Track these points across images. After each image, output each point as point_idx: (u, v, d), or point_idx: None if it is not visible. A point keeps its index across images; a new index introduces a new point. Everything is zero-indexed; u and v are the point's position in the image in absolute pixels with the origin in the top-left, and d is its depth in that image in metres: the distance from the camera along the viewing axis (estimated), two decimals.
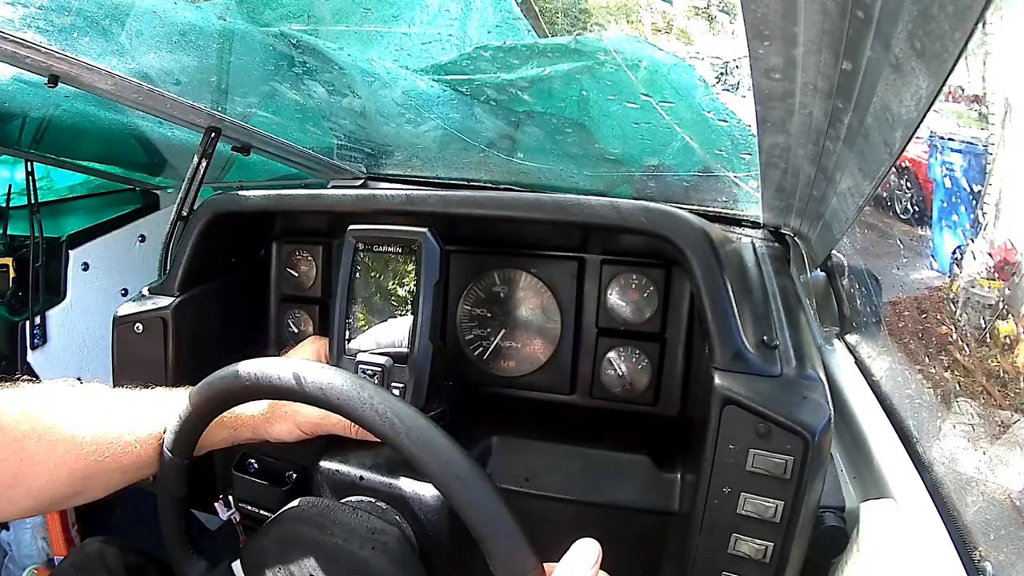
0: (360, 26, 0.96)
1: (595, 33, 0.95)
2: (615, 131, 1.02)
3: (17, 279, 1.48)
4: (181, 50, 0.97)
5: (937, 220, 0.80)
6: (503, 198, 0.81)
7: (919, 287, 0.84)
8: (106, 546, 0.75)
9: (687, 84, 0.88)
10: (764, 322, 0.68)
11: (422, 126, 1.14)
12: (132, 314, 0.86)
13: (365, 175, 1.36)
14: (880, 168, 0.51)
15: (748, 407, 0.58)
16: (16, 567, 1.50)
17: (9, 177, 1.60)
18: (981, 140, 0.68)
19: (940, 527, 0.53)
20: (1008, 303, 0.64)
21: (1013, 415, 0.61)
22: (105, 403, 0.65)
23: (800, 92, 0.47)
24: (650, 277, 0.86)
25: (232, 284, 0.97)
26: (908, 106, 0.40)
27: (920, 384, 0.73)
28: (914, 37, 0.34)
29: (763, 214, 0.91)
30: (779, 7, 0.37)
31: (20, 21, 0.81)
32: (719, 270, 0.66)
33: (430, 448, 0.49)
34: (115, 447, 0.60)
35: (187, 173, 0.99)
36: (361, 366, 0.73)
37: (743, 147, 0.90)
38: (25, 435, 0.57)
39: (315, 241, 1.01)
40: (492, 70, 0.97)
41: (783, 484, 0.57)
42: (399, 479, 0.67)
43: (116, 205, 1.74)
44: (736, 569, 0.59)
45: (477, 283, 0.93)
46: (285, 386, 0.54)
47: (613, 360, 0.88)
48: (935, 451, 0.62)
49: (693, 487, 0.63)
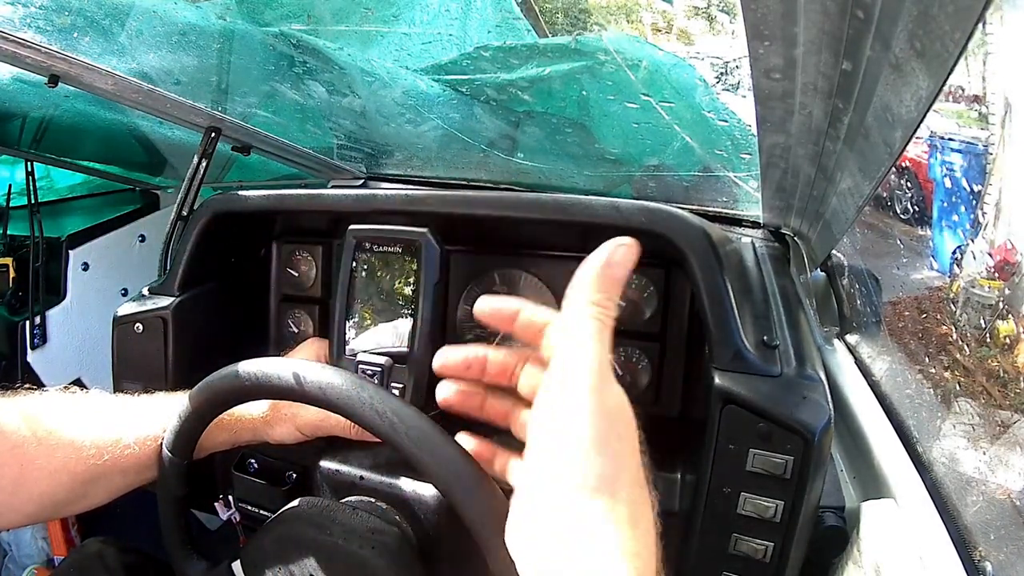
0: (360, 26, 0.96)
1: (595, 33, 0.95)
2: (615, 131, 1.02)
3: (17, 279, 1.48)
4: (181, 50, 0.97)
5: (937, 220, 0.80)
6: (503, 198, 0.81)
7: (919, 287, 0.84)
8: (106, 546, 0.75)
9: (687, 84, 0.88)
10: (764, 322, 0.68)
11: (422, 126, 1.14)
12: (132, 314, 0.86)
13: (365, 175, 1.36)
14: (880, 168, 0.51)
15: (748, 407, 0.58)
16: (16, 567, 1.50)
17: (9, 177, 1.60)
18: (981, 140, 0.68)
19: (940, 527, 0.53)
20: (1008, 303, 0.64)
21: (1013, 415, 0.61)
22: (104, 408, 0.65)
23: (800, 92, 0.47)
24: (650, 277, 0.86)
25: (232, 284, 0.97)
26: (908, 106, 0.40)
27: (920, 384, 0.73)
28: (914, 37, 0.34)
29: (763, 214, 0.91)
30: (779, 7, 0.37)
31: (20, 21, 0.81)
32: (719, 270, 0.66)
33: (430, 448, 0.49)
34: (115, 450, 0.60)
35: (187, 173, 0.99)
36: (361, 366, 0.73)
37: (743, 147, 0.90)
38: (25, 440, 0.57)
39: (315, 241, 1.01)
40: (492, 70, 0.97)
41: (783, 484, 0.56)
42: (399, 479, 0.67)
43: (116, 205, 1.74)
44: (736, 569, 0.59)
45: (477, 283, 0.93)
46: (285, 386, 0.54)
47: (613, 360, 0.87)
48: (935, 451, 0.62)
49: (693, 487, 0.63)
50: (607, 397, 0.36)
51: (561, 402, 0.36)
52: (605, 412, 0.36)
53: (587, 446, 0.35)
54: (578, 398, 0.36)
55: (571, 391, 0.36)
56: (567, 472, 0.35)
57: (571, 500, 0.34)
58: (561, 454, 0.35)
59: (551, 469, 0.35)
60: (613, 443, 0.35)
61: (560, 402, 0.37)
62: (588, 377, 0.36)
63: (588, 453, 0.34)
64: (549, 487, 0.35)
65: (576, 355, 0.37)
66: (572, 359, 0.37)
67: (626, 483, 0.35)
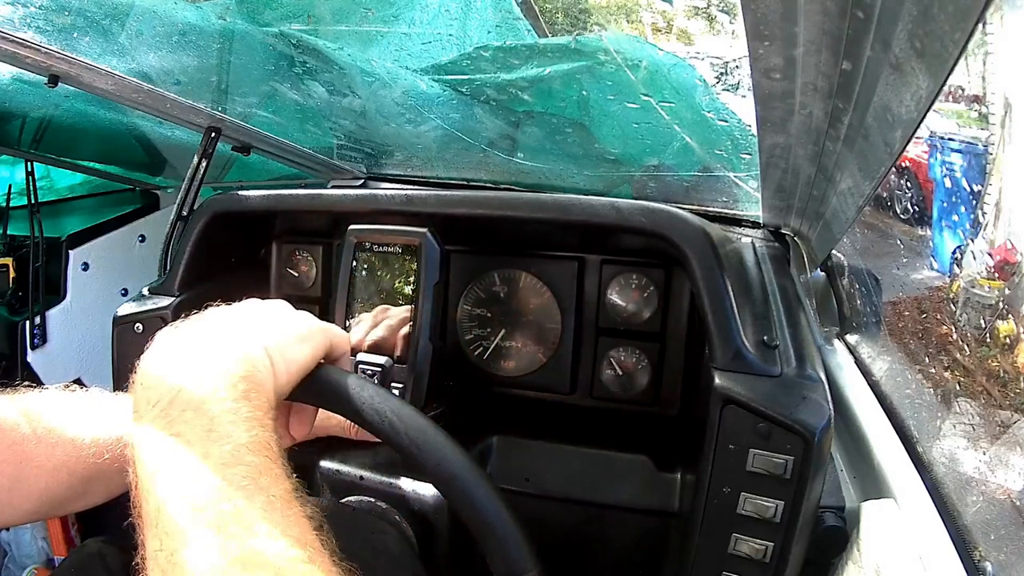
0: (360, 26, 0.96)
1: (595, 33, 0.95)
2: (615, 131, 1.02)
3: (17, 279, 1.48)
4: (181, 50, 0.97)
5: (937, 220, 0.80)
6: (503, 198, 0.81)
7: (919, 287, 0.84)
8: (106, 546, 0.75)
9: (687, 84, 0.88)
10: (764, 322, 0.68)
11: (422, 126, 1.14)
12: (132, 314, 0.86)
13: (365, 175, 1.36)
14: (880, 168, 0.51)
15: (748, 407, 0.58)
16: (16, 567, 1.50)
17: (9, 177, 1.60)
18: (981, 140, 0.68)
19: (940, 527, 0.53)
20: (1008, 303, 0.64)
21: (1013, 415, 0.61)
22: (105, 406, 0.64)
23: (800, 92, 0.47)
24: (650, 277, 0.86)
25: (232, 284, 0.97)
26: (908, 106, 0.40)
27: (920, 384, 0.73)
28: (914, 37, 0.34)
29: (763, 214, 0.91)
30: (779, 7, 0.37)
31: (20, 21, 0.81)
32: (719, 270, 0.66)
33: (430, 448, 0.49)
34: (115, 448, 0.60)
35: (187, 173, 0.99)
36: (361, 366, 0.73)
37: (743, 147, 0.90)
38: (24, 438, 0.57)
39: (315, 241, 1.01)
40: (492, 70, 0.97)
41: (783, 484, 0.56)
42: (399, 479, 0.67)
43: (116, 205, 1.74)
44: (736, 569, 0.59)
45: (477, 283, 0.93)
46: None
47: (613, 360, 0.88)
48: (935, 451, 0.62)
49: (693, 487, 0.63)
50: None
51: None
52: None
53: None
54: None
55: None
56: None
57: None
58: None
59: None
60: None
61: None
62: None
63: None
64: None
65: None
66: None
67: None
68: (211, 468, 0.37)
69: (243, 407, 0.42)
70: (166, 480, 0.37)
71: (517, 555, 0.47)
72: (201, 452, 0.38)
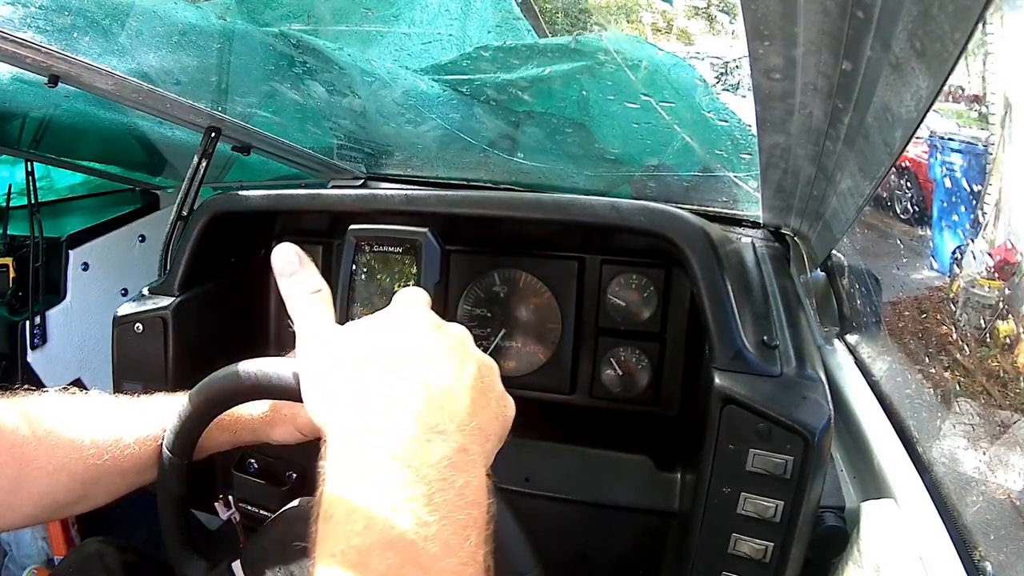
0: (360, 26, 0.96)
1: (595, 33, 0.95)
2: (615, 131, 1.02)
3: (17, 279, 1.48)
4: (181, 50, 0.97)
5: (937, 220, 0.80)
6: (503, 198, 0.81)
7: (919, 287, 0.84)
8: (106, 546, 0.75)
9: (687, 84, 0.88)
10: (764, 322, 0.68)
11: (422, 126, 1.14)
12: (132, 314, 0.86)
13: (365, 175, 1.36)
14: (880, 168, 0.51)
15: (748, 407, 0.58)
16: (16, 567, 1.50)
17: (9, 177, 1.60)
18: (981, 140, 0.68)
19: (940, 527, 0.53)
20: (1008, 303, 0.64)
21: (1013, 415, 0.61)
22: (104, 408, 0.64)
23: (800, 92, 0.47)
24: (650, 277, 0.86)
25: (232, 284, 0.97)
26: (908, 106, 0.40)
27: (920, 384, 0.73)
28: (914, 37, 0.34)
29: (763, 214, 0.91)
30: (779, 7, 0.37)
31: (20, 21, 0.81)
32: (719, 270, 0.66)
33: None
34: (114, 450, 0.60)
35: (187, 173, 0.99)
36: None
37: (743, 147, 0.90)
38: (24, 440, 0.57)
39: (315, 241, 1.01)
40: (492, 70, 0.97)
41: (783, 484, 0.57)
42: None
43: (116, 205, 1.74)
44: (736, 569, 0.59)
45: (477, 283, 0.93)
46: (285, 386, 0.54)
47: (613, 360, 0.88)
48: (935, 451, 0.62)
49: (693, 487, 0.63)
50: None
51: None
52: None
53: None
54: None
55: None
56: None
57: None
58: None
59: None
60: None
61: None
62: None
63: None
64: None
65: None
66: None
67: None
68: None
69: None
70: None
71: (517, 555, 0.47)
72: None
